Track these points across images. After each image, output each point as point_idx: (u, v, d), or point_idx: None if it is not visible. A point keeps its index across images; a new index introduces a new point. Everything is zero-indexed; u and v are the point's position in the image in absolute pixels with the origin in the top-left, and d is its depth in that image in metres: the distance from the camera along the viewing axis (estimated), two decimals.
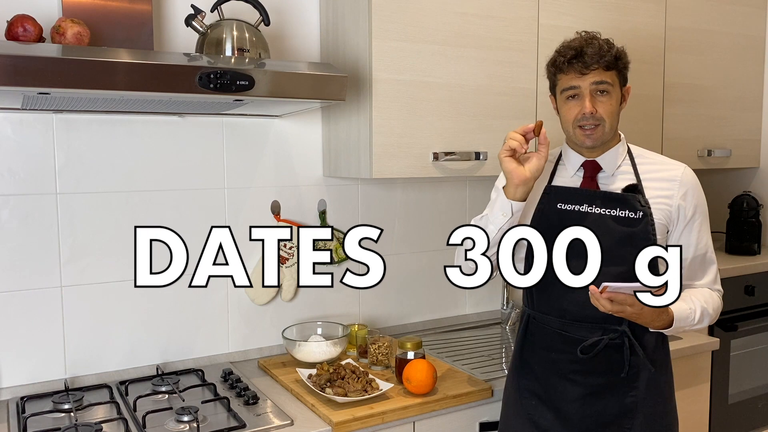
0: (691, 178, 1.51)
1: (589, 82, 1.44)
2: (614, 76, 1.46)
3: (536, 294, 1.57)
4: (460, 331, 2.29)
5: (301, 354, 1.87)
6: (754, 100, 2.75)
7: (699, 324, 1.49)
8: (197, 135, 1.90)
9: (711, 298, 1.53)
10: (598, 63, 1.43)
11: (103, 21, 1.61)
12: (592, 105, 1.44)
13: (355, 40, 1.85)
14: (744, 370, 2.48)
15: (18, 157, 1.68)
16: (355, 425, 1.54)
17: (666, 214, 1.48)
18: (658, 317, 1.41)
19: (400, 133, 1.84)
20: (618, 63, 1.45)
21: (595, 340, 1.48)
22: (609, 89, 1.45)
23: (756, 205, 2.74)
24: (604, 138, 1.48)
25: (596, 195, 1.50)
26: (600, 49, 1.43)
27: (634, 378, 1.50)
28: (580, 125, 1.47)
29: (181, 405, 1.60)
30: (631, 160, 1.53)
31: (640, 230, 1.45)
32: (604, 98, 1.45)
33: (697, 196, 1.51)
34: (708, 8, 2.52)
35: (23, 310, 1.71)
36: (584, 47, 1.44)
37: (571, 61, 1.45)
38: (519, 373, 1.61)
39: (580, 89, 1.46)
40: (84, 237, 1.77)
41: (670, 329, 1.45)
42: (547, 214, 1.54)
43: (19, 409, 1.61)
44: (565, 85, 1.48)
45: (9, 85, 1.26)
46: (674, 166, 1.52)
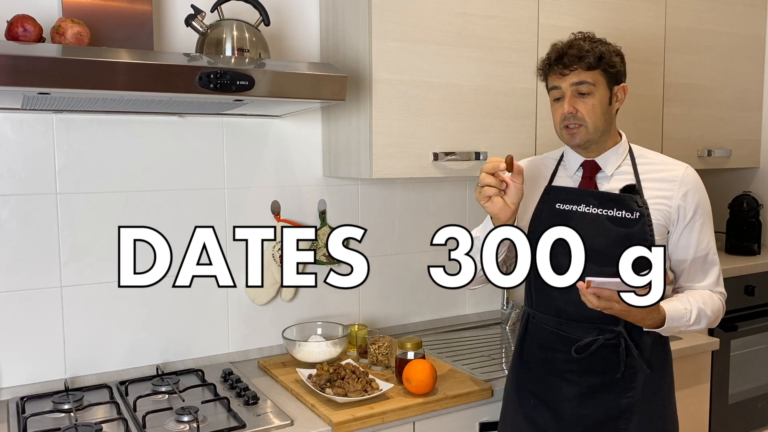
0: (693, 178, 1.50)
1: (568, 83, 1.46)
2: (597, 76, 1.45)
3: (534, 293, 1.58)
4: (460, 331, 2.29)
5: (301, 354, 1.87)
6: (754, 100, 2.75)
7: (696, 325, 1.47)
8: (197, 135, 1.90)
9: (711, 299, 1.51)
10: (578, 64, 1.44)
11: (103, 21, 1.61)
12: (571, 105, 1.46)
13: (355, 40, 1.85)
14: (744, 370, 2.48)
15: (18, 157, 1.68)
16: (355, 425, 1.54)
17: (665, 214, 1.47)
18: (648, 315, 1.39)
19: (400, 133, 1.84)
20: (601, 62, 1.45)
21: (590, 340, 1.48)
22: (591, 89, 1.45)
23: (756, 205, 2.74)
24: (588, 137, 1.48)
25: (593, 195, 1.50)
26: (580, 50, 1.44)
27: (631, 379, 1.49)
28: (565, 125, 1.49)
29: (181, 405, 1.60)
30: (632, 161, 1.53)
31: (636, 231, 1.45)
32: (586, 99, 1.46)
33: (698, 196, 1.49)
34: (708, 8, 2.52)
35: (23, 310, 1.71)
36: (566, 49, 1.46)
37: (552, 64, 1.48)
38: (518, 371, 1.62)
39: (561, 90, 1.48)
40: (84, 237, 1.77)
41: (662, 329, 1.44)
42: (545, 214, 1.55)
43: (19, 409, 1.61)
44: (549, 85, 1.51)
45: (9, 85, 1.26)
46: (676, 166, 1.51)
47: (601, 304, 1.35)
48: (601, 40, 1.49)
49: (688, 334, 2.19)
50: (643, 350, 1.49)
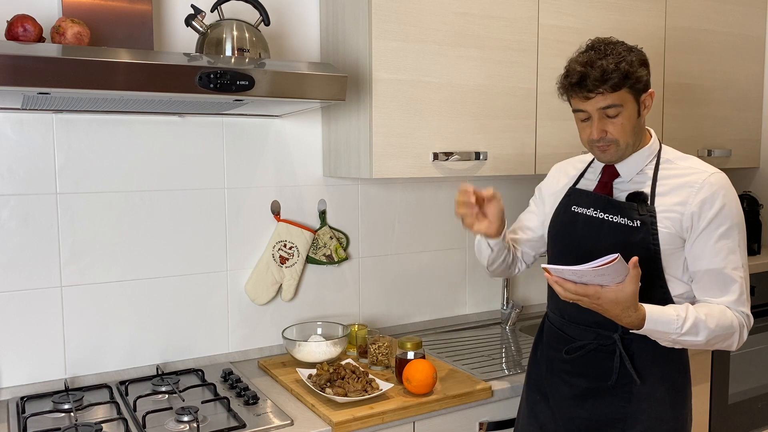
0: (716, 186, 1.38)
1: (595, 107, 1.39)
2: (625, 94, 1.37)
3: (549, 292, 1.60)
4: (460, 331, 2.29)
5: (301, 354, 1.87)
6: (754, 100, 2.75)
7: (691, 336, 1.34)
8: (197, 135, 1.90)
9: (721, 314, 1.37)
10: (603, 86, 1.35)
11: (103, 21, 1.61)
12: (601, 128, 1.40)
13: (355, 40, 1.85)
14: (744, 370, 2.48)
15: (18, 157, 1.68)
16: (355, 425, 1.54)
17: (677, 222, 1.40)
18: (624, 311, 1.30)
19: (400, 133, 1.84)
20: (627, 81, 1.36)
21: (583, 343, 1.49)
22: (618, 111, 1.38)
23: (756, 205, 2.74)
24: (619, 154, 1.44)
25: (601, 200, 1.49)
26: (603, 72, 1.34)
27: (626, 388, 1.45)
28: (596, 145, 1.44)
29: (181, 405, 1.60)
30: (656, 165, 1.47)
31: (638, 239, 1.41)
32: (615, 120, 1.39)
33: (720, 205, 1.37)
34: (708, 8, 2.52)
35: (23, 310, 1.71)
36: (587, 71, 1.36)
37: (574, 87, 1.39)
38: (531, 367, 1.66)
39: (587, 113, 1.41)
40: (84, 237, 1.77)
41: (644, 330, 1.34)
42: (561, 215, 1.57)
43: (19, 409, 1.61)
44: (574, 107, 1.44)
45: (9, 85, 1.26)
46: (701, 172, 1.41)
47: (568, 295, 1.32)
48: (620, 48, 1.38)
49: None
50: (640, 360, 1.44)
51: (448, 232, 2.35)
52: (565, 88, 1.43)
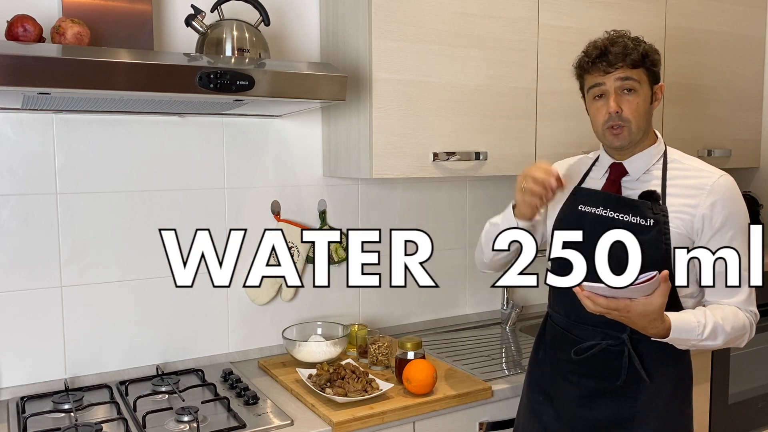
0: (726, 188, 1.41)
1: (613, 78, 1.41)
2: (642, 74, 1.42)
3: (551, 292, 1.59)
4: (460, 331, 2.29)
5: (301, 354, 1.87)
6: (754, 100, 2.75)
7: (710, 341, 1.37)
8: (197, 135, 1.90)
9: (734, 316, 1.40)
10: (624, 61, 1.40)
11: (103, 21, 1.61)
12: (617, 104, 1.42)
13: (355, 40, 1.85)
14: (744, 370, 2.48)
15: (18, 157, 1.68)
16: (355, 425, 1.54)
17: (687, 223, 1.41)
18: (651, 323, 1.32)
19: (400, 133, 1.84)
20: (645, 60, 1.41)
21: (592, 344, 1.48)
22: (636, 86, 1.41)
23: (756, 205, 2.74)
24: (631, 138, 1.44)
25: (611, 199, 1.48)
26: (625, 48, 1.40)
27: (634, 389, 1.45)
28: (610, 125, 1.44)
29: (181, 405, 1.60)
30: (664, 165, 1.48)
31: (651, 238, 1.41)
32: (631, 97, 1.42)
33: (729, 207, 1.41)
34: (708, 8, 2.52)
35: (23, 310, 1.71)
36: (609, 46, 1.42)
37: (596, 61, 1.43)
38: (532, 367, 1.65)
39: (605, 86, 1.43)
40: (84, 237, 1.77)
41: (669, 339, 1.36)
42: (568, 214, 1.55)
43: (19, 409, 1.61)
44: (591, 82, 1.46)
45: (9, 85, 1.26)
46: (709, 174, 1.43)
47: (596, 309, 1.32)
48: (638, 38, 1.45)
49: None
50: (648, 360, 1.45)
51: (448, 232, 2.35)
52: (584, 64, 1.47)
